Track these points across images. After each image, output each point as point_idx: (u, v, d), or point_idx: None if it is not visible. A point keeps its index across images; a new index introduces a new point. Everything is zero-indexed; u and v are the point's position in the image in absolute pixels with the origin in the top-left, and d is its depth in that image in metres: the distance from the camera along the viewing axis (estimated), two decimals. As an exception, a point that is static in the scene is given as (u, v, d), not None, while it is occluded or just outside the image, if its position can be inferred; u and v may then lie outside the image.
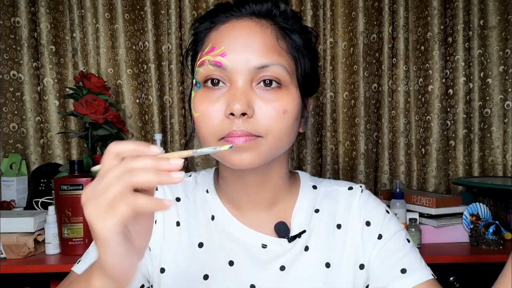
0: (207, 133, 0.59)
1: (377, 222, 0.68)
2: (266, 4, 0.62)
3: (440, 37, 1.60)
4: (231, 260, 0.65)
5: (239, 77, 0.58)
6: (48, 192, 1.44)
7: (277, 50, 0.59)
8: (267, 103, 0.58)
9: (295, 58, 0.62)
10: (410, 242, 0.68)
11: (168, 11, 1.61)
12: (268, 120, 0.57)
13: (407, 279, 0.63)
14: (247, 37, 0.59)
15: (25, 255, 1.16)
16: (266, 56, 0.58)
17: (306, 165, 1.65)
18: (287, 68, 0.59)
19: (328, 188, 0.72)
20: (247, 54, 0.58)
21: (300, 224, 0.68)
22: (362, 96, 1.62)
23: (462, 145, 1.62)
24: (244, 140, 0.56)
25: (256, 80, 0.58)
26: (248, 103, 0.57)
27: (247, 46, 0.58)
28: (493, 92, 1.62)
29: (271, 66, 0.58)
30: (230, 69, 0.58)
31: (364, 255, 0.67)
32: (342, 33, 1.65)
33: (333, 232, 0.68)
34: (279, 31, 0.61)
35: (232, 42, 0.59)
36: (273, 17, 0.62)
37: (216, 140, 0.58)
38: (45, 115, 1.60)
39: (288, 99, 0.59)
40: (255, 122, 0.57)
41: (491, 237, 1.22)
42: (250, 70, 0.58)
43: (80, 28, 1.59)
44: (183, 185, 0.72)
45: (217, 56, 0.58)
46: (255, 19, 0.61)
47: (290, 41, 0.62)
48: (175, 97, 1.62)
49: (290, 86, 0.60)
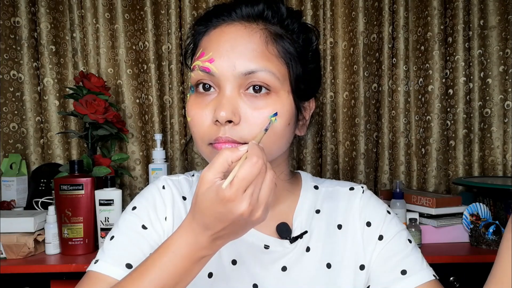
0: (197, 137, 0.60)
1: (378, 223, 0.68)
2: (257, 6, 0.61)
3: (440, 37, 1.60)
4: (234, 259, 0.66)
5: (226, 83, 0.58)
6: (48, 192, 1.44)
7: (265, 55, 0.58)
8: (254, 110, 0.57)
9: (287, 63, 0.60)
10: (412, 242, 0.67)
11: (168, 11, 1.61)
12: (255, 126, 0.57)
13: (407, 281, 0.63)
14: (234, 42, 0.58)
15: (25, 255, 1.16)
16: (253, 61, 0.57)
17: (306, 165, 1.65)
18: (276, 74, 0.58)
19: (329, 189, 0.72)
20: (234, 60, 0.57)
21: (301, 225, 0.68)
22: (362, 96, 1.62)
23: (462, 145, 1.62)
24: (229, 147, 0.56)
25: (244, 86, 0.58)
26: (233, 110, 0.56)
27: (233, 51, 0.58)
28: (493, 92, 1.62)
29: (259, 72, 0.57)
30: (218, 75, 0.58)
31: (365, 256, 0.67)
32: (342, 33, 1.65)
33: (334, 233, 0.68)
34: (269, 35, 0.59)
35: (220, 47, 0.58)
36: (265, 19, 0.61)
37: (206, 144, 0.59)
38: (45, 115, 1.60)
39: (276, 104, 0.58)
40: (241, 129, 0.57)
41: (491, 237, 1.22)
42: (237, 76, 0.57)
43: (80, 28, 1.59)
44: (188, 184, 0.72)
45: (206, 62, 0.58)
46: (245, 23, 0.60)
47: (282, 45, 0.60)
48: (175, 97, 1.62)
49: (280, 92, 0.59)
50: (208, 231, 0.50)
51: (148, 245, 0.65)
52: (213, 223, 0.49)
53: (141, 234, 0.65)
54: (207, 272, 0.65)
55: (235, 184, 0.47)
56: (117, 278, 0.60)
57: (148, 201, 0.69)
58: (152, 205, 0.68)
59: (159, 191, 0.70)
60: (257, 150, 0.49)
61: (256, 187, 0.48)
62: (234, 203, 0.47)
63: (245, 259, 0.65)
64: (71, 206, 1.20)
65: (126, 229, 0.66)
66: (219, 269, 0.65)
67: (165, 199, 0.69)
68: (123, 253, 0.63)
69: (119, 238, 0.65)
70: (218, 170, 0.49)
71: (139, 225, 0.66)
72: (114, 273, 0.61)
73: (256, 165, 0.47)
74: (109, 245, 0.65)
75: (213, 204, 0.48)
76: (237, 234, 0.51)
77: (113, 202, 1.22)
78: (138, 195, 0.72)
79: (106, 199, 1.22)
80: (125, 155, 1.52)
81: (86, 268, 0.65)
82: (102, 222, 1.22)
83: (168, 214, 0.68)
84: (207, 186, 0.49)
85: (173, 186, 0.71)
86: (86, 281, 0.62)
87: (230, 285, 0.65)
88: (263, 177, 0.49)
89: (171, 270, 0.51)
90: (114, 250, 0.64)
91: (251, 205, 0.47)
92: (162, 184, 0.71)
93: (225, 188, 0.47)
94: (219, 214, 0.48)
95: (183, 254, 0.51)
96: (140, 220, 0.67)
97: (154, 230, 0.66)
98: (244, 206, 0.47)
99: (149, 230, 0.66)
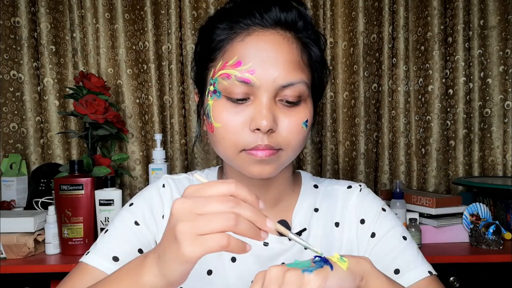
0: (229, 143, 0.60)
1: (371, 220, 0.68)
2: (291, 13, 0.61)
3: (440, 37, 1.60)
4: (233, 256, 0.66)
5: (264, 93, 0.59)
6: (48, 192, 1.44)
7: (300, 66, 0.60)
8: (288, 118, 0.60)
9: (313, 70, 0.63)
10: (407, 239, 0.67)
11: (168, 11, 1.61)
12: (290, 133, 0.60)
13: (400, 280, 0.63)
14: (275, 53, 0.59)
15: (25, 255, 1.16)
16: (292, 74, 0.59)
17: (306, 165, 1.65)
18: (308, 83, 0.61)
19: (328, 187, 0.73)
20: (274, 71, 0.58)
21: (300, 222, 0.68)
22: (362, 96, 1.62)
23: (462, 145, 1.62)
24: (267, 154, 0.59)
25: (280, 96, 0.60)
26: (273, 119, 0.58)
27: (274, 63, 0.58)
28: (493, 92, 1.62)
29: (296, 85, 0.59)
30: (257, 86, 0.58)
31: (359, 254, 0.67)
32: (342, 33, 1.65)
33: (331, 231, 0.69)
34: (301, 44, 0.62)
35: (260, 57, 0.58)
36: (296, 28, 0.62)
37: (238, 151, 0.60)
38: (45, 115, 1.60)
39: (306, 111, 0.61)
40: (277, 136, 0.59)
41: (491, 237, 1.22)
42: (276, 87, 0.59)
43: (80, 28, 1.59)
44: (189, 183, 0.73)
45: (245, 72, 0.58)
46: (279, 31, 0.60)
47: (310, 54, 0.63)
48: (175, 97, 1.62)
49: (308, 99, 0.62)
50: (155, 249, 0.48)
51: (138, 241, 0.66)
52: (161, 239, 0.47)
53: (133, 230, 0.67)
54: (207, 269, 0.66)
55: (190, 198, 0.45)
56: (103, 270, 0.62)
57: (145, 199, 0.70)
58: (148, 204, 0.69)
59: (158, 190, 0.71)
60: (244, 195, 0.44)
61: (210, 219, 0.43)
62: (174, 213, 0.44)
63: (244, 256, 0.66)
64: (71, 206, 1.20)
65: (119, 224, 0.68)
66: (218, 266, 0.66)
67: (163, 198, 0.70)
68: (112, 246, 0.65)
69: (112, 232, 0.67)
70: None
71: (132, 220, 0.68)
72: (100, 265, 0.63)
73: (227, 203, 0.43)
74: (101, 238, 0.67)
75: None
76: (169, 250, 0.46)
77: (113, 202, 1.22)
78: (139, 193, 0.73)
79: (106, 199, 1.22)
80: (125, 155, 1.52)
81: None
82: (102, 222, 1.22)
83: (165, 213, 0.69)
84: None
85: (174, 185, 0.72)
86: (76, 271, 0.65)
87: (230, 282, 0.65)
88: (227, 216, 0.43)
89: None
90: (104, 243, 0.66)
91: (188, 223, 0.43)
92: (162, 182, 0.72)
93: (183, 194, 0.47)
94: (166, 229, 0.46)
95: (132, 274, 0.49)
96: (133, 216, 0.68)
97: (146, 228, 0.67)
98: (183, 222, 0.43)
99: (141, 226, 0.67)
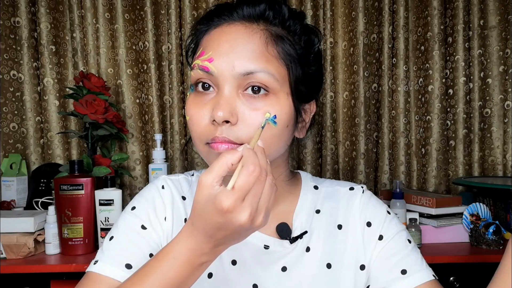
0: (194, 136, 0.60)
1: (378, 223, 0.68)
2: (258, 7, 0.60)
3: (440, 37, 1.60)
4: (234, 259, 0.66)
5: (225, 83, 0.57)
6: (48, 192, 1.44)
7: (265, 56, 0.58)
8: (252, 111, 0.57)
9: (287, 65, 0.60)
10: (412, 243, 0.68)
11: (168, 11, 1.61)
12: (252, 127, 0.57)
13: (407, 280, 0.63)
14: (234, 42, 0.58)
15: (25, 255, 1.16)
16: (252, 62, 0.57)
17: (306, 165, 1.65)
18: (275, 75, 0.58)
19: (329, 189, 0.72)
20: (233, 60, 0.57)
21: (301, 225, 0.68)
22: (362, 96, 1.62)
23: (462, 145, 1.62)
24: (226, 147, 0.56)
25: (242, 87, 0.58)
26: (231, 110, 0.56)
27: (233, 51, 0.57)
28: (493, 92, 1.62)
29: (258, 73, 0.57)
30: (216, 75, 0.58)
31: (365, 256, 0.67)
32: (342, 33, 1.65)
33: (334, 233, 0.68)
34: (270, 36, 0.59)
35: (220, 47, 0.58)
36: (267, 20, 0.60)
37: (203, 144, 0.59)
38: (45, 115, 1.60)
39: (275, 106, 0.58)
40: (238, 129, 0.57)
41: (491, 237, 1.22)
42: (235, 76, 0.57)
43: (80, 28, 1.59)
44: (188, 184, 0.72)
45: (205, 61, 0.58)
46: (245, 23, 0.60)
47: (283, 47, 0.59)
48: (175, 97, 1.62)
49: (279, 94, 0.58)
50: (208, 238, 0.50)
51: (148, 246, 0.65)
52: (214, 231, 0.49)
53: (141, 235, 0.65)
54: (207, 272, 0.65)
55: (233, 194, 0.46)
56: (116, 279, 0.60)
57: (147, 201, 0.69)
58: (151, 205, 0.68)
59: (158, 191, 0.69)
60: (252, 157, 0.48)
61: (255, 196, 0.47)
62: (233, 214, 0.46)
63: (245, 260, 0.65)
64: (71, 206, 1.20)
65: (125, 229, 0.66)
66: (219, 269, 0.65)
67: (164, 199, 0.69)
68: (123, 253, 0.63)
69: (118, 238, 0.65)
70: (217, 174, 0.48)
71: (138, 225, 0.66)
72: (113, 273, 0.61)
73: (253, 173, 0.47)
74: (108, 245, 0.65)
75: (212, 214, 0.47)
76: (238, 239, 0.52)
77: (113, 202, 1.22)
78: (138, 195, 0.71)
79: (106, 199, 1.22)
80: (125, 155, 1.52)
81: (86, 268, 0.64)
82: (102, 222, 1.22)
83: (167, 214, 0.68)
84: (206, 192, 0.48)
85: (173, 186, 0.70)
86: (86, 282, 0.62)
87: (230, 286, 0.65)
88: (262, 184, 0.48)
89: (172, 276, 0.51)
90: (114, 250, 0.64)
91: (251, 215, 0.47)
92: (161, 183, 0.70)
93: (223, 199, 0.46)
94: (219, 224, 0.48)
95: (184, 260, 0.51)
96: (139, 220, 0.66)
97: (153, 230, 0.66)
98: (244, 217, 0.46)
99: (149, 230, 0.66)
